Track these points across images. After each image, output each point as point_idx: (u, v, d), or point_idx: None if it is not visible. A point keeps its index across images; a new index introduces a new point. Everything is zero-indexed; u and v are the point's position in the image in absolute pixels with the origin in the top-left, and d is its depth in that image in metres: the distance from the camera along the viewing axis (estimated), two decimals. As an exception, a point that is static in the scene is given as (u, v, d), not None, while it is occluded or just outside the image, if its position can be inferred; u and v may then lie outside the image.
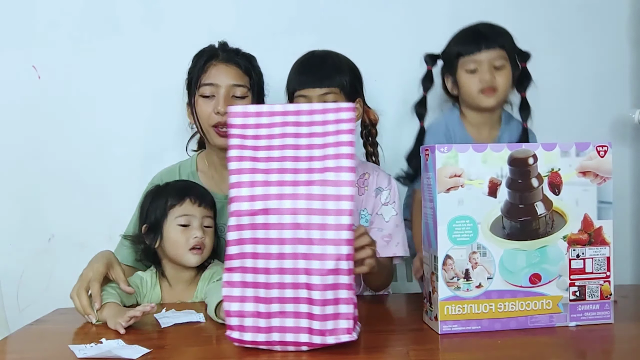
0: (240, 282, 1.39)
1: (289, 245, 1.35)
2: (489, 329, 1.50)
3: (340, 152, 1.37)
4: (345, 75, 2.02)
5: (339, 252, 1.34)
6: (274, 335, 1.38)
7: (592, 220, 1.52)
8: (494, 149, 1.48)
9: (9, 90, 2.52)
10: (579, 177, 1.51)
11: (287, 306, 1.37)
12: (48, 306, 1.86)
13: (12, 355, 1.48)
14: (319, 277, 1.34)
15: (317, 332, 1.36)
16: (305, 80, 1.99)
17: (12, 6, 2.50)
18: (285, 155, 1.40)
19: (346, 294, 1.35)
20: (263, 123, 1.43)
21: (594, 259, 1.53)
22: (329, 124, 1.40)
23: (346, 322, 1.36)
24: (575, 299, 1.53)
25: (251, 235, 1.37)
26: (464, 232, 1.48)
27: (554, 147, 1.50)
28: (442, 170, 1.47)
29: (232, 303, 1.39)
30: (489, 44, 2.04)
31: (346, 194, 1.35)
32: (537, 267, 1.50)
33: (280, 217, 1.35)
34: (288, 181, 1.37)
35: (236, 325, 1.39)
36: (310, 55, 2.09)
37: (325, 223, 1.34)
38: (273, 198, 1.36)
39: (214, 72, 2.09)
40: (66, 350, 1.43)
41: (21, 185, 2.52)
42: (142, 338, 1.51)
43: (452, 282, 1.48)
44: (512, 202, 1.48)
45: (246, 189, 1.38)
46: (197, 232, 1.89)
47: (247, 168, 1.39)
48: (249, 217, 1.37)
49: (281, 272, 1.36)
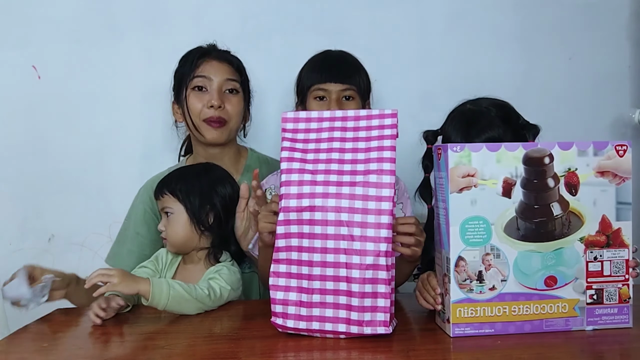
0: (286, 273, 1.46)
1: (332, 241, 1.42)
2: (502, 332, 1.41)
3: (382, 156, 1.43)
4: (363, 75, 2.01)
5: (378, 249, 1.39)
6: (314, 324, 1.44)
7: (611, 222, 1.42)
8: (508, 148, 1.38)
9: (9, 90, 2.47)
10: (597, 177, 1.41)
11: (328, 297, 1.43)
12: (48, 306, 1.79)
13: (12, 355, 1.44)
14: (358, 271, 1.39)
15: (354, 323, 1.41)
16: (328, 75, 1.95)
17: (12, 6, 2.46)
18: (331, 157, 1.46)
19: (384, 288, 1.40)
20: (312, 128, 1.52)
21: (612, 261, 1.43)
22: (373, 129, 1.46)
23: (383, 315, 1.40)
24: (593, 303, 1.43)
25: (297, 230, 1.44)
26: (477, 233, 1.38)
27: (570, 146, 1.40)
28: (454, 170, 1.37)
29: (278, 292, 1.46)
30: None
31: (387, 195, 1.40)
32: (552, 270, 1.41)
33: (325, 214, 1.42)
34: (333, 181, 1.43)
35: (280, 312, 1.46)
36: (327, 53, 2.06)
37: (366, 222, 1.40)
38: (319, 196, 1.43)
39: (207, 67, 2.06)
40: (66, 350, 1.45)
41: (21, 185, 2.48)
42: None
43: (465, 284, 1.39)
44: (527, 203, 1.39)
45: (294, 187, 1.46)
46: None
47: (295, 168, 1.47)
48: (296, 213, 1.44)
49: (323, 265, 1.42)
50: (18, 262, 2.41)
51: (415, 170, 1.88)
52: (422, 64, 2.52)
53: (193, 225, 1.82)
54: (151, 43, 2.47)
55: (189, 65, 2.06)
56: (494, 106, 1.73)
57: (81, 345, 1.49)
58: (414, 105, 2.46)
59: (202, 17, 2.49)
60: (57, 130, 2.47)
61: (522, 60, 2.52)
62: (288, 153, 1.49)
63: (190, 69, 2.05)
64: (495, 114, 1.70)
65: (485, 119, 1.70)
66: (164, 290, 1.59)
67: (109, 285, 1.55)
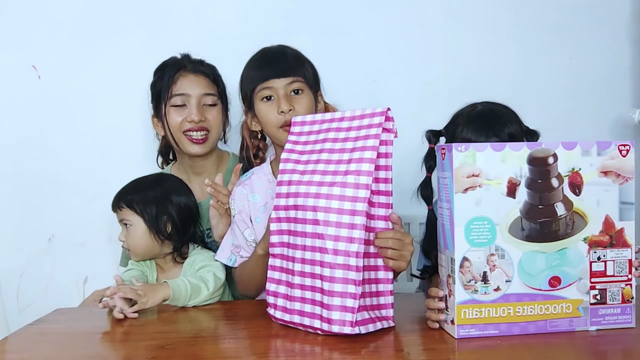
0: (279, 267, 1.53)
1: (310, 239, 1.44)
2: (507, 333, 1.39)
3: (363, 156, 1.42)
4: (307, 65, 1.88)
5: (349, 249, 1.39)
6: (295, 318, 1.47)
7: (614, 222, 1.40)
8: (512, 148, 1.37)
9: (9, 90, 2.47)
10: (600, 177, 1.39)
11: (306, 293, 1.46)
12: (48, 306, 1.81)
13: (12, 355, 1.44)
14: (329, 270, 1.41)
15: (325, 320, 1.42)
16: (269, 72, 1.81)
17: (12, 6, 2.46)
18: (321, 158, 1.49)
19: (353, 289, 1.39)
20: (314, 130, 1.55)
21: (615, 261, 1.41)
22: (362, 129, 1.46)
23: (351, 315, 1.39)
24: (596, 303, 1.41)
25: (287, 227, 1.51)
26: (482, 233, 1.37)
27: (574, 146, 1.38)
28: (459, 170, 1.36)
29: (271, 284, 1.54)
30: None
31: (362, 196, 1.40)
32: (556, 270, 1.39)
33: (304, 213, 1.45)
34: (315, 181, 1.46)
35: (272, 303, 1.53)
36: (265, 50, 1.93)
37: (341, 222, 1.41)
38: (301, 196, 1.46)
39: (185, 82, 2.08)
40: (66, 350, 1.45)
41: (21, 185, 2.48)
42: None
43: (470, 285, 1.37)
44: (531, 203, 1.37)
45: (285, 187, 1.51)
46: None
47: (289, 169, 1.52)
48: (285, 211, 1.50)
49: (303, 262, 1.46)
50: (18, 262, 2.46)
51: (414, 170, 1.87)
52: (422, 64, 2.52)
53: (152, 234, 1.88)
54: (151, 43, 2.47)
55: (166, 81, 2.07)
56: (503, 107, 1.74)
57: (81, 345, 1.49)
58: (413, 105, 2.46)
59: (202, 17, 2.49)
60: (57, 130, 2.47)
61: (522, 60, 2.52)
62: (286, 154, 1.55)
63: (167, 84, 2.07)
64: (509, 112, 1.73)
65: (503, 116, 1.71)
66: (182, 288, 1.69)
67: (140, 304, 1.63)
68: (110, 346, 1.50)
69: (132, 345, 1.47)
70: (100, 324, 1.64)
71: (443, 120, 1.81)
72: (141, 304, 1.62)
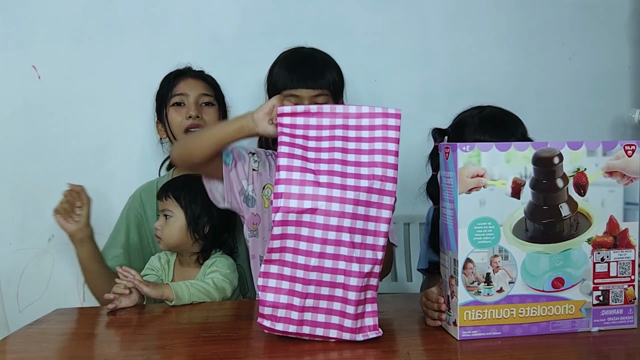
0: (277, 275, 1.40)
1: (332, 246, 1.36)
2: (509, 334, 1.37)
3: (387, 161, 1.38)
4: (335, 73, 1.92)
5: (376, 257, 1.37)
6: (305, 329, 1.39)
7: (618, 222, 1.39)
8: (517, 148, 1.35)
9: (9, 90, 2.45)
10: (605, 178, 1.37)
11: (322, 302, 1.38)
12: (48, 306, 1.80)
13: (12, 355, 1.43)
14: (356, 279, 1.36)
15: (347, 330, 1.38)
16: (299, 79, 1.85)
17: (13, 6, 2.44)
18: (333, 157, 1.39)
19: (372, 294, 1.40)
20: (311, 124, 1.43)
21: (619, 262, 1.40)
22: (376, 129, 1.40)
23: (372, 320, 1.39)
24: (599, 304, 1.40)
25: (295, 232, 1.38)
26: (486, 234, 1.35)
27: (580, 145, 1.36)
28: (463, 170, 1.33)
29: (268, 294, 1.40)
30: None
31: (387, 203, 1.38)
32: (560, 271, 1.38)
33: (327, 218, 1.36)
34: (337, 184, 1.37)
35: (268, 314, 1.40)
36: (298, 50, 1.97)
37: (367, 229, 1.37)
38: (322, 199, 1.36)
39: (183, 84, 2.19)
40: (66, 350, 1.45)
41: (21, 185, 2.46)
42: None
43: (473, 286, 1.35)
44: (535, 204, 1.35)
45: (296, 187, 1.38)
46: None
47: (297, 166, 1.39)
48: (296, 214, 1.37)
49: (320, 270, 1.37)
50: (18, 262, 2.44)
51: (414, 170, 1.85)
52: (422, 64, 2.51)
53: (189, 231, 1.91)
54: (151, 43, 2.46)
55: (167, 86, 2.19)
56: (508, 110, 1.73)
57: (81, 345, 1.48)
58: (414, 105, 2.44)
59: (202, 17, 2.47)
60: (57, 130, 2.46)
61: (522, 60, 2.51)
62: (288, 148, 1.41)
63: (168, 89, 2.18)
64: (515, 115, 1.71)
65: (513, 117, 1.70)
66: (184, 289, 1.72)
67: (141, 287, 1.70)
68: (110, 346, 1.49)
69: (132, 346, 1.46)
70: (100, 324, 1.63)
71: (443, 120, 1.79)
72: (144, 285, 1.69)
